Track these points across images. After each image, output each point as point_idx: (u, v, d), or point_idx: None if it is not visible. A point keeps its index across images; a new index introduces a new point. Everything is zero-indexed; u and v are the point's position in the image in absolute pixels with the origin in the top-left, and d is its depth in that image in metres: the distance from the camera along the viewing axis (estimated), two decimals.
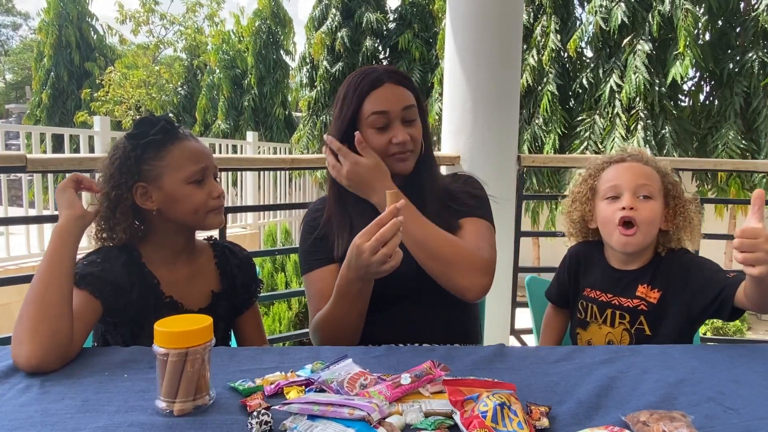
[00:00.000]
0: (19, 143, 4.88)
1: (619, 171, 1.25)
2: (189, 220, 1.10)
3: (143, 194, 1.07)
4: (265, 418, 0.68)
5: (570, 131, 6.23)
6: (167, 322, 0.75)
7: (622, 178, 1.23)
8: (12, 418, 0.71)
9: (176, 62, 11.93)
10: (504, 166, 2.53)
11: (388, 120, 1.17)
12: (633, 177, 1.22)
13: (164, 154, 1.07)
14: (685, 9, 5.35)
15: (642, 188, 1.20)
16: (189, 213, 1.08)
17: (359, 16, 7.80)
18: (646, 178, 1.22)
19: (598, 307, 1.26)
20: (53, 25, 11.11)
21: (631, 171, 1.23)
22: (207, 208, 1.09)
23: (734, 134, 5.49)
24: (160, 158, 1.07)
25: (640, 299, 1.21)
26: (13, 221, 2.52)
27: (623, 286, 1.24)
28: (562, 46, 6.19)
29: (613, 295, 1.25)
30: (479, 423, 0.66)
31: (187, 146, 1.09)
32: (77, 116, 10.49)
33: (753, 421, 0.74)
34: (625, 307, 1.22)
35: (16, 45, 24.09)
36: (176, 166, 1.07)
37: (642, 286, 1.22)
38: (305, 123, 8.17)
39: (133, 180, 1.06)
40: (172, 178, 1.07)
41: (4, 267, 4.07)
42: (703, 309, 1.16)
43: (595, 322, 1.27)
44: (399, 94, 1.18)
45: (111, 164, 1.07)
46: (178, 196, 1.07)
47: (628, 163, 1.26)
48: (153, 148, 1.07)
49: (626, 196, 1.20)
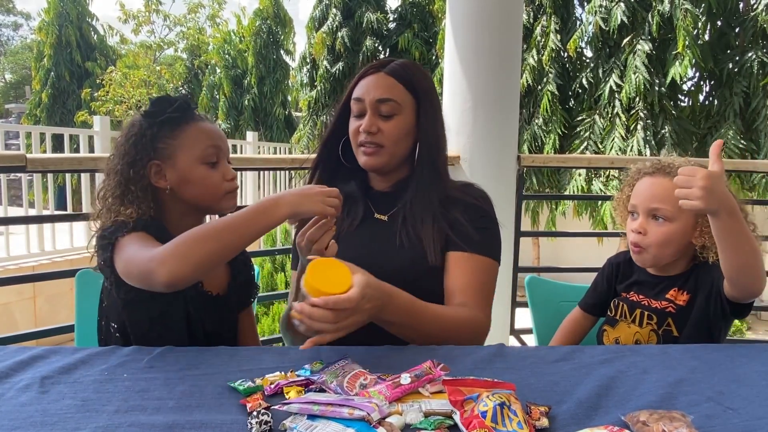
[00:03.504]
0: (19, 143, 4.88)
1: (642, 187, 1.23)
2: (202, 201, 1.09)
3: (157, 172, 1.06)
4: (265, 417, 0.68)
5: (570, 131, 6.24)
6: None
7: (640, 197, 1.22)
8: (12, 418, 0.71)
9: (177, 62, 11.93)
10: (504, 166, 2.52)
11: (363, 108, 1.15)
12: (649, 198, 1.20)
13: (179, 132, 1.06)
14: (685, 9, 5.35)
15: (656, 211, 1.19)
16: (203, 194, 1.07)
17: (359, 16, 7.81)
18: (663, 200, 1.18)
19: (629, 306, 1.27)
20: (53, 24, 11.12)
21: (651, 190, 1.21)
22: (222, 189, 1.09)
23: (734, 134, 5.50)
24: (174, 137, 1.06)
25: (669, 301, 1.21)
26: (13, 221, 2.51)
27: (657, 291, 1.25)
28: (562, 46, 6.19)
29: (644, 297, 1.25)
30: (479, 423, 0.66)
31: (202, 126, 1.09)
32: (77, 116, 10.49)
33: (753, 420, 0.74)
34: (653, 308, 1.22)
35: (17, 45, 24.09)
36: (190, 145, 1.06)
37: (673, 290, 1.22)
38: (305, 123, 8.17)
39: (148, 157, 1.05)
40: (186, 157, 1.06)
41: (4, 267, 4.07)
42: (714, 309, 1.16)
43: (624, 320, 1.27)
44: (381, 84, 1.14)
45: (126, 141, 1.06)
46: (191, 175, 1.06)
47: (653, 179, 1.22)
48: (168, 126, 1.06)
49: (639, 218, 1.21)
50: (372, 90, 1.14)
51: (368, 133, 1.14)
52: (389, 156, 1.16)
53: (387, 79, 1.15)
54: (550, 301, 1.52)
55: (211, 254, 0.90)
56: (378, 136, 1.14)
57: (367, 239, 1.19)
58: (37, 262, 4.28)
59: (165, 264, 0.88)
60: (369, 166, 1.18)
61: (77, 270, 1.38)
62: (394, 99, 1.14)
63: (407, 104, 1.16)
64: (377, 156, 1.15)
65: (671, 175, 1.19)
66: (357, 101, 1.16)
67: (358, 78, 1.20)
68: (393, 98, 1.14)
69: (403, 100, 1.16)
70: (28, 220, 3.33)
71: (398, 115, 1.15)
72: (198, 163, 1.06)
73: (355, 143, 1.17)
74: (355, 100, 1.16)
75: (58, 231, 4.66)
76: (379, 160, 1.16)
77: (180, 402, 0.76)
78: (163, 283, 0.89)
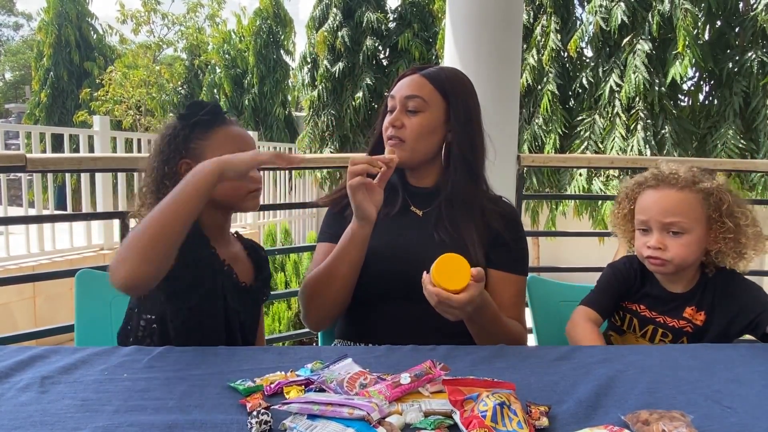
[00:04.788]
0: (19, 143, 4.88)
1: (649, 202, 1.19)
2: (227, 199, 1.12)
3: (187, 170, 1.08)
4: (265, 417, 0.68)
5: (570, 131, 6.24)
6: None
7: (651, 212, 1.17)
8: (12, 418, 0.71)
9: (177, 62, 11.93)
10: (504, 166, 2.52)
11: (394, 105, 1.22)
12: (661, 213, 1.16)
13: (210, 134, 1.12)
14: (685, 9, 5.35)
15: (672, 225, 1.15)
16: (227, 192, 1.10)
17: (360, 16, 7.80)
18: (676, 214, 1.15)
19: (639, 321, 1.24)
20: (53, 24, 11.11)
21: (661, 204, 1.17)
22: (246, 189, 1.13)
23: (733, 134, 5.50)
24: (205, 138, 1.12)
25: (687, 321, 1.19)
26: (12, 221, 2.51)
27: (671, 307, 1.22)
28: (562, 46, 6.20)
29: (658, 314, 1.22)
30: (479, 422, 0.66)
31: (232, 130, 1.15)
32: (77, 116, 10.48)
33: (752, 420, 0.74)
34: (669, 327, 1.20)
35: (17, 44, 24.09)
36: (218, 146, 1.10)
37: (690, 308, 1.20)
38: (307, 122, 8.18)
39: (180, 156, 1.11)
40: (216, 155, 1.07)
41: (4, 267, 4.07)
42: (739, 331, 1.16)
43: (632, 333, 1.25)
44: (412, 83, 1.21)
45: (162, 140, 1.13)
46: None
47: (660, 192, 1.18)
48: (200, 128, 1.12)
49: (654, 234, 1.17)
50: (403, 88, 1.21)
51: (393, 127, 1.20)
52: (410, 151, 1.20)
53: (420, 80, 1.21)
54: (550, 301, 1.51)
55: (154, 238, 0.89)
56: (402, 131, 1.19)
57: (403, 228, 1.24)
58: (37, 262, 4.28)
59: (119, 267, 0.89)
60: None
61: (77, 270, 1.38)
62: (421, 96, 1.19)
63: (435, 103, 1.20)
64: (398, 149, 1.19)
65: (677, 185, 1.16)
66: (390, 99, 1.24)
67: (397, 80, 1.26)
68: (420, 95, 1.19)
69: (431, 99, 1.20)
70: (28, 219, 3.33)
71: (423, 112, 1.19)
72: None
73: (385, 138, 1.23)
74: (390, 98, 1.24)
75: (58, 231, 4.66)
76: (400, 154, 1.19)
77: (180, 402, 0.76)
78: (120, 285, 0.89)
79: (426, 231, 1.21)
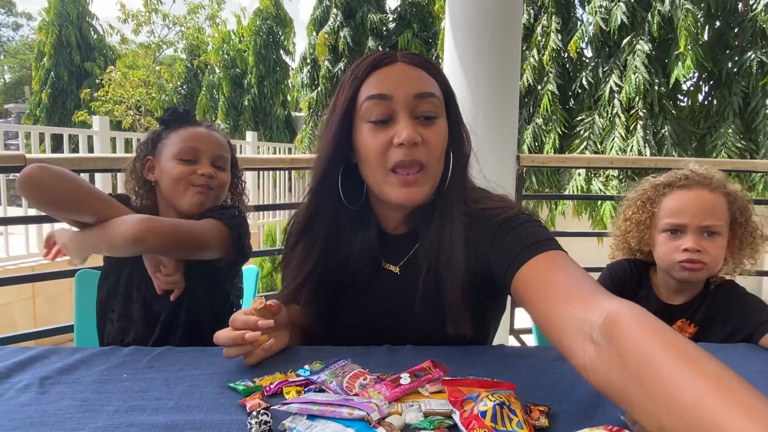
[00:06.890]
0: (18, 143, 4.87)
1: (683, 202, 1.10)
2: (168, 193, 1.15)
3: (150, 167, 1.19)
4: (265, 418, 0.68)
5: (570, 131, 6.25)
6: None
7: (686, 213, 1.08)
8: (11, 418, 0.71)
9: (177, 62, 11.93)
10: (504, 166, 2.53)
11: (389, 110, 0.80)
12: (699, 213, 1.08)
13: (170, 133, 1.18)
14: (685, 9, 5.36)
15: (709, 227, 1.07)
16: (169, 186, 1.15)
17: (360, 16, 7.81)
18: (713, 215, 1.08)
19: None
20: (53, 24, 11.13)
21: (697, 204, 1.08)
22: (187, 181, 1.13)
23: (733, 134, 5.51)
24: (167, 137, 1.18)
25: None
26: (12, 221, 2.51)
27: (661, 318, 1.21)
28: (562, 46, 6.20)
29: None
30: (478, 423, 0.66)
31: (192, 129, 1.17)
32: (76, 116, 10.49)
33: None
34: None
35: (17, 45, 24.09)
36: (173, 143, 1.15)
37: (680, 321, 1.15)
38: (307, 123, 8.19)
39: (148, 154, 1.20)
40: (167, 153, 1.16)
41: (3, 267, 4.07)
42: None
43: None
44: (412, 75, 0.82)
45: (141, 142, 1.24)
46: (164, 168, 1.15)
47: (694, 192, 1.10)
48: (169, 128, 1.19)
49: (690, 236, 1.08)
50: (404, 82, 0.80)
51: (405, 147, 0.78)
52: (433, 180, 0.84)
53: (414, 69, 0.84)
54: None
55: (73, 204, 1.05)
56: (420, 151, 0.80)
57: (377, 297, 0.95)
58: (37, 262, 4.28)
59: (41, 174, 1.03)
60: (413, 200, 0.83)
61: (77, 270, 1.38)
62: (433, 92, 0.83)
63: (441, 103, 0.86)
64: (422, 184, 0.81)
65: (710, 186, 1.11)
66: (379, 99, 0.80)
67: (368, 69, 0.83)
68: (431, 92, 0.82)
69: (440, 98, 0.85)
70: (28, 220, 3.32)
71: (439, 118, 0.84)
72: (173, 158, 1.14)
73: (384, 168, 0.81)
74: (376, 99, 0.80)
75: None
76: (424, 190, 0.82)
77: (179, 402, 0.76)
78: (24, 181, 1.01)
79: (407, 294, 0.91)
